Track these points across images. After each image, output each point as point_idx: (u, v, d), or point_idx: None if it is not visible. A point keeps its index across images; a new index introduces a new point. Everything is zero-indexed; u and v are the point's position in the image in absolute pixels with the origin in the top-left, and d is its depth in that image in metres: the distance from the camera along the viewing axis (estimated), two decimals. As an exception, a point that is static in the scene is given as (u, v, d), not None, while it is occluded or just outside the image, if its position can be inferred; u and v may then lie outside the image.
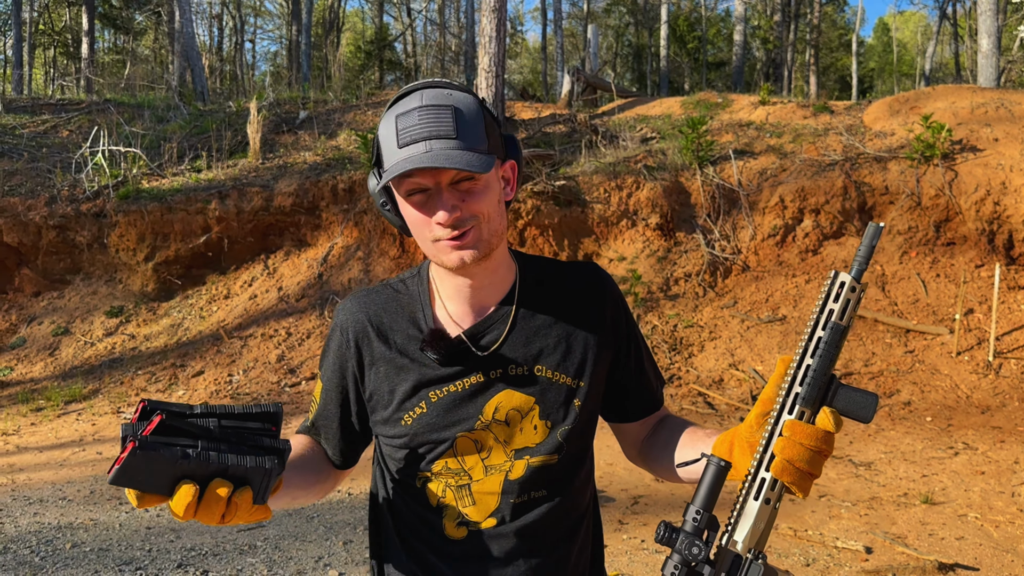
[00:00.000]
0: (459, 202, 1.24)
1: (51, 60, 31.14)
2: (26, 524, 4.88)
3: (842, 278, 1.11)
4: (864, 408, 1.10)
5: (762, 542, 1.09)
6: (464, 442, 1.34)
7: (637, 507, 5.08)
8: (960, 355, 8.27)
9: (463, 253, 1.26)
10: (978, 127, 10.46)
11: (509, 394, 1.35)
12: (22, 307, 10.13)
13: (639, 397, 1.50)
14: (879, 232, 1.10)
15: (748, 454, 1.14)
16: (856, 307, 1.11)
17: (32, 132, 12.61)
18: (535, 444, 1.35)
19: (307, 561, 4.30)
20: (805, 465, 1.05)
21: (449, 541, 1.36)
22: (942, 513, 5.03)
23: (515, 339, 1.37)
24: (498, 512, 1.35)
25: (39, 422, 7.59)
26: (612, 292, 1.47)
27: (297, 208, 10.45)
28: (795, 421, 1.07)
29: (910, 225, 9.71)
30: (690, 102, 13.43)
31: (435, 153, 1.20)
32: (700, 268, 9.65)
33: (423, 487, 1.36)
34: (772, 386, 1.14)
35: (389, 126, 1.25)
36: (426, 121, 1.21)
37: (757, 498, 1.09)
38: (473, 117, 1.25)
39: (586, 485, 1.46)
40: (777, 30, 30.10)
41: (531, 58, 42.77)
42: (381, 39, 29.77)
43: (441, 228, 1.25)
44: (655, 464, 1.46)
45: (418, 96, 1.25)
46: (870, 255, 1.10)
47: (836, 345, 1.10)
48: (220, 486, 1.03)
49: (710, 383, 8.10)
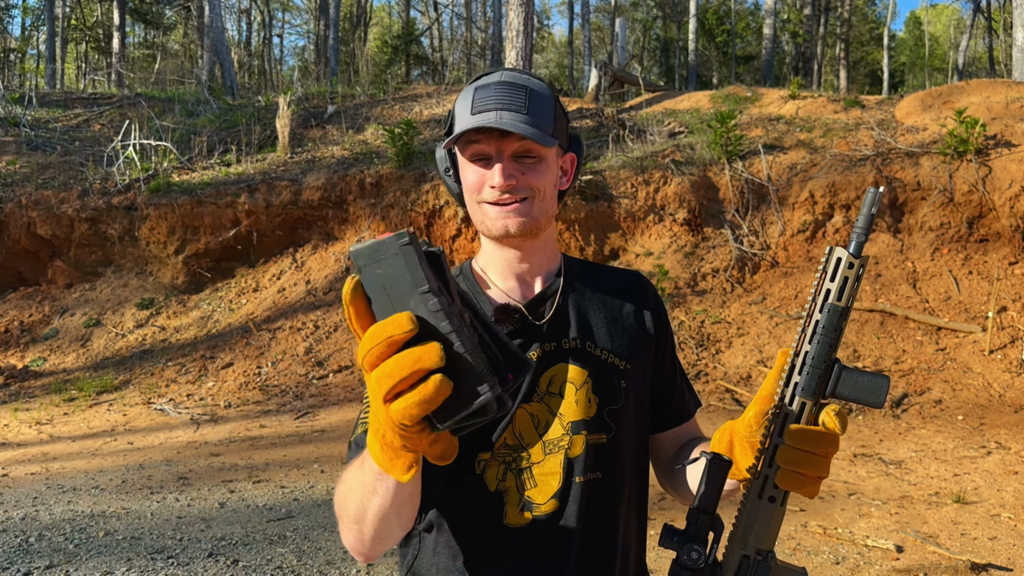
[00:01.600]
0: (517, 173, 1.31)
1: (83, 55, 31.53)
2: (60, 512, 4.96)
3: (838, 254, 1.03)
4: (874, 392, 1.03)
5: (769, 541, 1.06)
6: (522, 415, 1.33)
7: (664, 502, 5.07)
8: (992, 353, 8.16)
9: (508, 220, 1.32)
10: (1013, 122, 10.28)
11: (563, 367, 1.36)
12: (55, 299, 10.28)
13: (670, 403, 1.51)
14: (878, 198, 1.02)
15: (749, 454, 1.10)
16: (857, 285, 1.03)
17: (65, 126, 12.78)
18: (589, 418, 1.35)
19: (336, 552, 4.33)
20: (811, 471, 1.02)
21: (509, 529, 1.32)
22: (974, 513, 4.97)
23: (568, 314, 1.41)
24: (560, 494, 1.32)
25: (72, 412, 7.70)
26: (654, 295, 1.52)
27: (325, 202, 10.51)
28: (798, 427, 1.03)
29: (942, 221, 9.58)
30: (719, 96, 13.32)
31: (503, 120, 1.27)
32: (728, 264, 9.59)
33: (482, 473, 1.33)
34: (771, 381, 1.09)
35: (467, 97, 1.33)
36: (501, 94, 1.30)
37: (762, 497, 1.05)
38: (544, 102, 1.33)
39: (643, 481, 1.45)
40: (807, 23, 29.78)
41: (558, 52, 42.66)
42: (408, 34, 29.80)
43: (492, 191, 1.31)
44: (676, 485, 1.46)
45: (498, 75, 1.34)
46: (869, 225, 1.02)
47: (836, 328, 1.03)
48: (440, 358, 0.79)
49: (737, 380, 8.05)
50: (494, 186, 1.30)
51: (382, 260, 0.82)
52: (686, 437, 1.52)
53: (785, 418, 1.05)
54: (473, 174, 1.34)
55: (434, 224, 10.24)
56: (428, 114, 12.88)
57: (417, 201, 10.24)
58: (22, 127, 12.30)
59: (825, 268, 1.04)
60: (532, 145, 1.31)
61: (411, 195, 10.31)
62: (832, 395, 1.05)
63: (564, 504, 1.33)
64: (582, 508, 1.33)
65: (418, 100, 13.76)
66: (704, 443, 1.44)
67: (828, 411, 1.03)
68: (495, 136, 1.29)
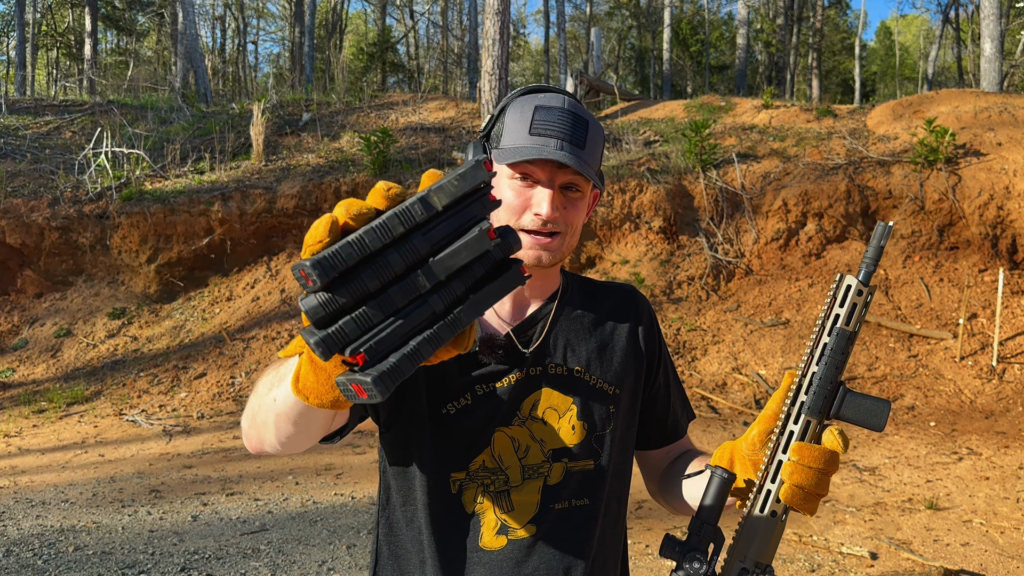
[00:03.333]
0: (560, 206, 1.30)
1: (54, 61, 31.16)
2: (28, 527, 4.87)
3: (848, 281, 1.08)
4: (875, 416, 1.08)
5: (769, 555, 1.08)
6: (501, 438, 1.32)
7: (641, 512, 5.07)
8: (964, 360, 8.26)
9: (542, 253, 1.31)
10: (981, 131, 10.44)
11: (548, 392, 1.35)
12: (24, 308, 10.12)
13: (662, 423, 1.51)
14: (887, 232, 1.07)
15: (750, 471, 1.13)
16: (864, 312, 1.08)
17: (35, 133, 12.61)
18: (572, 445, 1.34)
19: (310, 565, 4.29)
20: (813, 488, 1.05)
21: (484, 552, 1.30)
22: (947, 519, 5.02)
23: (556, 338, 1.39)
24: (537, 519, 1.31)
25: (41, 424, 7.58)
26: (648, 314, 1.50)
27: (300, 210, 10.44)
28: (802, 444, 1.06)
29: (913, 229, 9.69)
30: (693, 105, 13.42)
31: (568, 154, 1.26)
32: (703, 271, 9.64)
33: (459, 493, 1.31)
34: (776, 402, 1.12)
35: (524, 111, 1.30)
36: (566, 123, 1.28)
37: (763, 511, 1.07)
38: (597, 138, 1.33)
39: (624, 502, 1.45)
40: (780, 33, 30.09)
41: (534, 61, 42.77)
42: (384, 41, 29.76)
43: (536, 219, 1.29)
44: (672, 498, 1.44)
45: (560, 99, 1.32)
46: (878, 256, 1.07)
47: (843, 352, 1.07)
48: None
49: (713, 387, 8.09)
50: (540, 214, 1.28)
51: (468, 177, 0.78)
52: (678, 451, 1.53)
53: (790, 436, 1.08)
54: (514, 195, 1.30)
55: (410, 232, 10.21)
56: (404, 122, 12.85)
57: (393, 209, 10.21)
58: (-9, 134, 12.12)
59: (835, 294, 1.09)
60: (580, 180, 1.30)
61: (387, 203, 10.27)
62: (835, 416, 1.09)
63: (540, 529, 1.31)
64: (560, 534, 1.32)
65: (394, 108, 13.74)
66: (698, 456, 1.45)
67: (831, 431, 1.07)
68: (552, 164, 1.28)
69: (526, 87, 1.37)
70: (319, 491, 5.55)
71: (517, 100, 1.34)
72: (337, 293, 0.75)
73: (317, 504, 5.30)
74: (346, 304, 0.76)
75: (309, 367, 0.86)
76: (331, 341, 0.76)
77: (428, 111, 13.38)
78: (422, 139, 11.92)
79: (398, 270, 0.76)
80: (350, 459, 6.32)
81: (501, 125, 1.34)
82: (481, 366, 1.33)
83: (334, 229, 0.76)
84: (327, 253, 0.73)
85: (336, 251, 0.74)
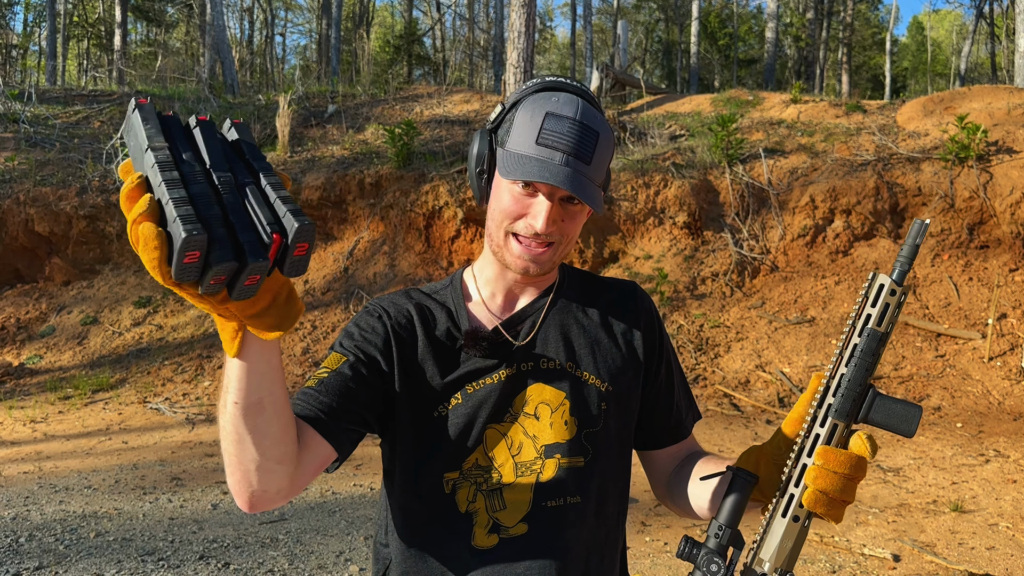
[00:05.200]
0: (559, 218, 1.27)
1: (84, 51, 31.51)
2: (51, 512, 4.93)
3: (881, 280, 1.04)
4: (906, 421, 1.04)
5: (790, 561, 1.04)
6: (493, 435, 1.31)
7: (660, 509, 5.03)
8: (992, 360, 8.12)
9: (531, 264, 1.29)
10: (1014, 128, 10.25)
11: (540, 388, 1.33)
12: (52, 296, 10.25)
13: (665, 422, 1.47)
14: (924, 229, 1.03)
15: (777, 476, 1.11)
16: (897, 312, 1.04)
17: (64, 123, 12.75)
18: (564, 441, 1.31)
19: (328, 556, 4.30)
20: (838, 494, 1.02)
21: (477, 551, 1.29)
22: (972, 522, 4.94)
23: (548, 333, 1.37)
24: (530, 517, 1.30)
25: (67, 410, 7.67)
26: (647, 310, 1.46)
27: (324, 201, 10.48)
28: (827, 448, 1.03)
29: (943, 227, 9.55)
30: (720, 99, 13.30)
31: (569, 172, 1.22)
32: (728, 268, 9.56)
33: (452, 493, 1.30)
34: (803, 404, 1.10)
35: (535, 116, 1.26)
36: (574, 137, 1.24)
37: (785, 515, 1.04)
38: (606, 151, 1.29)
39: (617, 498, 1.42)
40: (809, 28, 29.76)
41: (560, 54, 42.68)
42: (410, 34, 29.78)
43: (530, 228, 1.26)
44: (681, 501, 1.40)
45: (573, 105, 1.26)
46: (914, 255, 1.03)
47: (874, 353, 1.04)
48: (147, 206, 0.83)
49: (736, 384, 8.02)
50: (534, 226, 1.26)
51: (128, 130, 0.88)
52: (684, 453, 1.50)
53: (815, 439, 1.05)
54: (513, 201, 1.27)
55: (433, 225, 10.21)
56: (429, 114, 12.85)
57: (416, 201, 10.21)
58: (21, 123, 12.26)
59: (867, 293, 1.05)
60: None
61: (410, 195, 10.28)
62: (864, 420, 1.06)
63: (533, 528, 1.29)
64: (552, 532, 1.30)
65: (419, 100, 13.74)
66: (706, 456, 1.41)
67: (859, 435, 1.03)
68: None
69: (543, 82, 1.33)
70: (338, 481, 5.56)
71: (530, 98, 1.30)
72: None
73: (336, 494, 5.31)
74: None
75: (217, 324, 0.98)
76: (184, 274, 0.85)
77: (453, 104, 13.37)
78: (446, 131, 11.91)
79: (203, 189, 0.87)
80: (370, 450, 6.34)
81: (510, 123, 1.30)
82: (468, 361, 1.32)
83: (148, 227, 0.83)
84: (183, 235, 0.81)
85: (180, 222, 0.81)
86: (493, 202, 1.32)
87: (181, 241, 0.80)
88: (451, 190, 10.17)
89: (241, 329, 0.97)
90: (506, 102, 1.34)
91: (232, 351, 0.98)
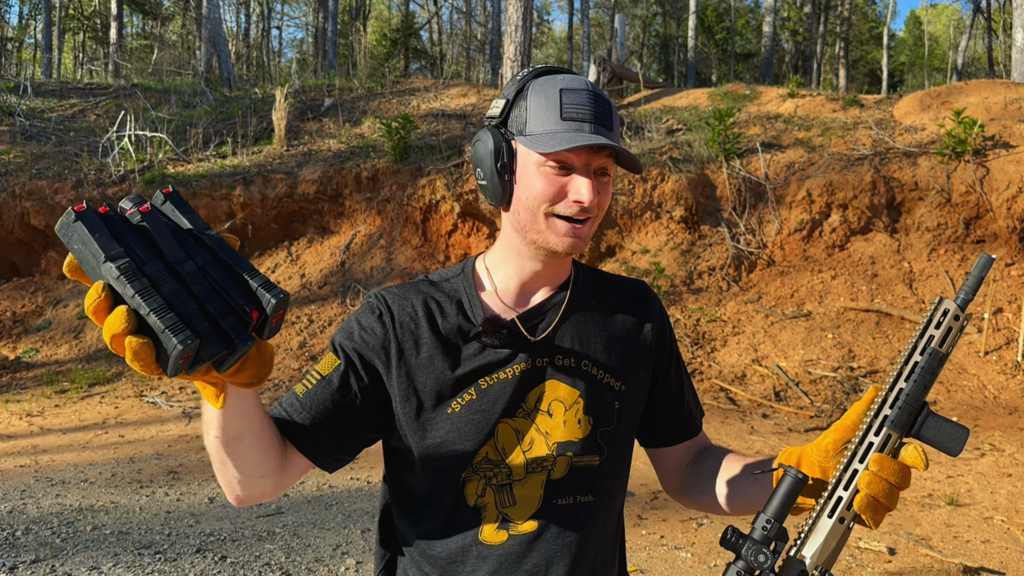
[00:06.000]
0: (594, 191, 1.25)
1: (80, 44, 31.41)
2: (48, 506, 4.93)
3: (946, 305, 1.10)
4: (954, 440, 1.09)
5: (831, 561, 1.08)
6: (505, 429, 1.29)
7: (656, 502, 5.05)
8: (988, 355, 8.14)
9: (575, 241, 1.27)
10: (1011, 123, 10.26)
11: (554, 384, 1.32)
12: (48, 289, 10.23)
13: (677, 419, 1.48)
14: (990, 263, 1.09)
15: (818, 477, 1.13)
16: (958, 336, 1.10)
17: (60, 116, 12.72)
18: (577, 440, 1.31)
19: (325, 549, 4.31)
20: (885, 500, 1.05)
21: (485, 546, 1.29)
22: (967, 515, 4.95)
23: (565, 329, 1.35)
24: (539, 514, 1.29)
25: (63, 404, 7.66)
26: (658, 310, 1.46)
27: (321, 195, 10.46)
28: (883, 456, 1.06)
29: (939, 222, 9.56)
30: (717, 94, 13.29)
31: (604, 136, 1.22)
32: (724, 262, 9.56)
33: (461, 486, 1.29)
34: (857, 413, 1.13)
35: (550, 95, 1.25)
36: (594, 106, 1.24)
37: (832, 516, 1.08)
38: (618, 121, 1.29)
39: (623, 494, 1.42)
40: (807, 22, 29.75)
41: (557, 48, 42.61)
42: (407, 27, 29.74)
43: (575, 206, 1.25)
44: (701, 495, 1.42)
45: (581, 80, 1.28)
46: (978, 285, 1.09)
47: (933, 372, 1.09)
48: (122, 317, 0.87)
49: (732, 378, 8.03)
50: (579, 201, 1.23)
51: (71, 237, 0.88)
52: (697, 447, 1.51)
53: (869, 446, 1.09)
54: (549, 183, 1.24)
55: (430, 219, 10.21)
56: (426, 108, 12.83)
57: (413, 195, 10.20)
58: (17, 116, 12.23)
59: (932, 315, 1.11)
60: (609, 164, 1.27)
61: (407, 189, 10.27)
62: (914, 435, 1.11)
63: (542, 525, 1.29)
64: (561, 530, 1.29)
65: (416, 94, 13.71)
66: (729, 455, 1.41)
67: (915, 447, 1.07)
68: (588, 149, 1.23)
69: (537, 69, 1.31)
70: (335, 475, 5.57)
71: (534, 83, 1.28)
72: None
73: (333, 488, 5.32)
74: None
75: (198, 385, 1.04)
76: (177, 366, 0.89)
77: (450, 97, 13.35)
78: (443, 125, 11.89)
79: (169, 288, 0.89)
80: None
81: (522, 110, 1.27)
82: (483, 352, 1.30)
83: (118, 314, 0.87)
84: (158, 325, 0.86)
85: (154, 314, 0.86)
86: (522, 191, 1.28)
87: (176, 352, 0.85)
88: (448, 184, 10.16)
89: (223, 388, 1.05)
90: (507, 95, 1.31)
91: (217, 406, 1.06)
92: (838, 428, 1.13)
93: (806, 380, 7.87)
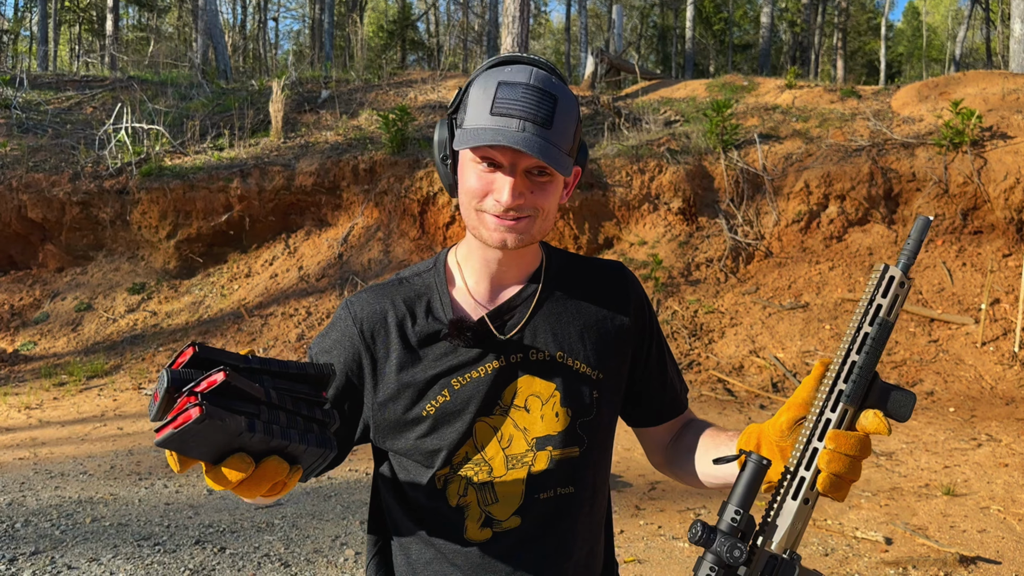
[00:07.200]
0: (526, 190, 1.22)
1: (76, 37, 31.31)
2: (47, 498, 4.93)
3: (892, 272, 1.07)
4: (903, 406, 1.08)
5: (797, 541, 1.07)
6: (483, 428, 1.29)
7: (654, 493, 5.06)
8: (985, 345, 8.16)
9: (508, 235, 1.24)
10: (1009, 114, 10.26)
11: (529, 380, 1.31)
12: (46, 282, 10.22)
13: (661, 398, 1.47)
14: (927, 226, 1.06)
15: (777, 457, 1.10)
16: (902, 303, 1.08)
17: (56, 108, 12.68)
18: (556, 433, 1.30)
19: (323, 540, 4.32)
20: (847, 475, 1.03)
21: (470, 544, 1.29)
22: (964, 505, 4.97)
23: (537, 323, 1.34)
24: (522, 510, 1.29)
25: (61, 397, 7.66)
26: (636, 291, 1.44)
27: (318, 188, 10.45)
28: (839, 432, 1.04)
29: (937, 213, 9.56)
30: (715, 85, 13.28)
31: (528, 137, 1.17)
32: (722, 253, 9.57)
33: (443, 488, 1.30)
34: (807, 389, 1.10)
35: (488, 88, 1.22)
36: (528, 101, 1.19)
37: (796, 498, 1.06)
38: (569, 114, 1.23)
39: (606, 485, 1.42)
40: (805, 13, 29.70)
41: (554, 39, 42.52)
42: (404, 19, 29.66)
43: (496, 205, 1.22)
44: (680, 471, 1.42)
45: (526, 73, 1.22)
46: (919, 248, 1.07)
47: (883, 342, 1.07)
48: (277, 464, 0.94)
49: (730, 370, 8.05)
50: (500, 202, 1.20)
51: (194, 437, 0.90)
52: (681, 423, 1.50)
53: (827, 423, 1.07)
54: (476, 179, 1.23)
55: (428, 211, 10.20)
56: (423, 100, 12.81)
57: (411, 188, 10.19)
58: (13, 109, 12.19)
59: (879, 284, 1.08)
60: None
61: (405, 181, 10.26)
62: (869, 406, 1.09)
63: (526, 520, 1.29)
64: (545, 524, 1.30)
65: (413, 86, 13.69)
66: (708, 428, 1.40)
67: (876, 413, 1.04)
68: (512, 150, 1.19)
69: (495, 58, 1.28)
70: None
71: (483, 75, 1.25)
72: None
73: (331, 480, 5.33)
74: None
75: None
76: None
77: (447, 89, 13.32)
78: (441, 117, 11.86)
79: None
80: (365, 436, 6.35)
81: (465, 102, 1.25)
82: (454, 352, 1.29)
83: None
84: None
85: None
86: (461, 185, 1.28)
87: (323, 455, 0.99)
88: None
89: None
90: (464, 85, 1.29)
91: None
92: (791, 406, 1.11)
93: (803, 371, 7.89)
